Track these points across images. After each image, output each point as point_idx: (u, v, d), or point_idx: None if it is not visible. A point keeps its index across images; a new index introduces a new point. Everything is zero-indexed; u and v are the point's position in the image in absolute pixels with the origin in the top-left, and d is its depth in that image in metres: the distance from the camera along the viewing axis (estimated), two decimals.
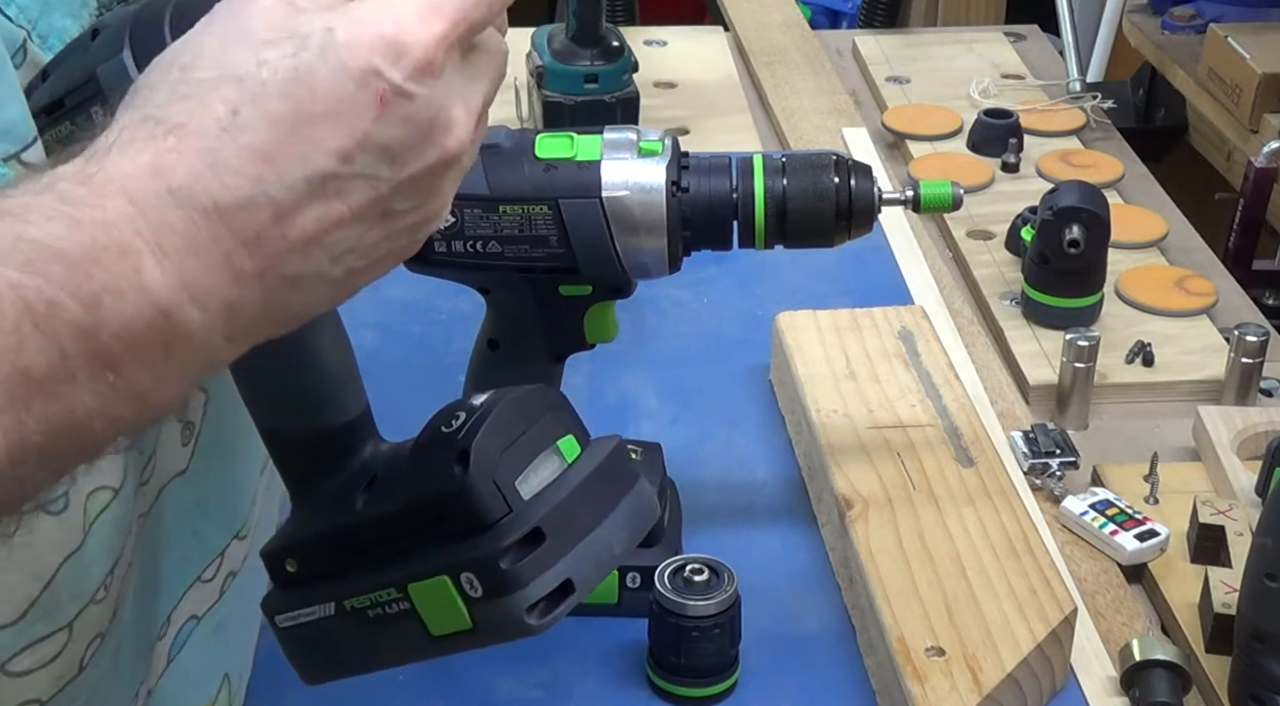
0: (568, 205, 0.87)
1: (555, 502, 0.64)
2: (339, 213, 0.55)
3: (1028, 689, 0.89)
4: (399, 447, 0.70)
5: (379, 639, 0.67)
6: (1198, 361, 1.25)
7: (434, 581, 0.64)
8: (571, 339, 0.94)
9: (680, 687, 0.91)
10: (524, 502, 0.64)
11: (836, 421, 1.07)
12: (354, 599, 0.67)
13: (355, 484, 0.69)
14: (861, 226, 0.90)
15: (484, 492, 0.63)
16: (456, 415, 0.65)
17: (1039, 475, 1.10)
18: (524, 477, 0.64)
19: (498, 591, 0.63)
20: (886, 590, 0.92)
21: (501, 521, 0.63)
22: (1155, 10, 1.91)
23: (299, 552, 0.70)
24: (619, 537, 0.66)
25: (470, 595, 0.64)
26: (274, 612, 0.70)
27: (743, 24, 1.91)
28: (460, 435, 0.64)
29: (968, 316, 1.31)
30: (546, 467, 0.65)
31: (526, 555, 0.63)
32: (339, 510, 0.69)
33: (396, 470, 0.68)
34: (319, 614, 0.69)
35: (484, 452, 0.63)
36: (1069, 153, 1.58)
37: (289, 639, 0.70)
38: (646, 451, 0.99)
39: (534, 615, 0.63)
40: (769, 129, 1.67)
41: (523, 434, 0.65)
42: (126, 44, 0.62)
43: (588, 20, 1.39)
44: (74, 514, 0.68)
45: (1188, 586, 1.00)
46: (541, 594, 0.63)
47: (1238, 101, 1.67)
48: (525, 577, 0.63)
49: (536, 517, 0.63)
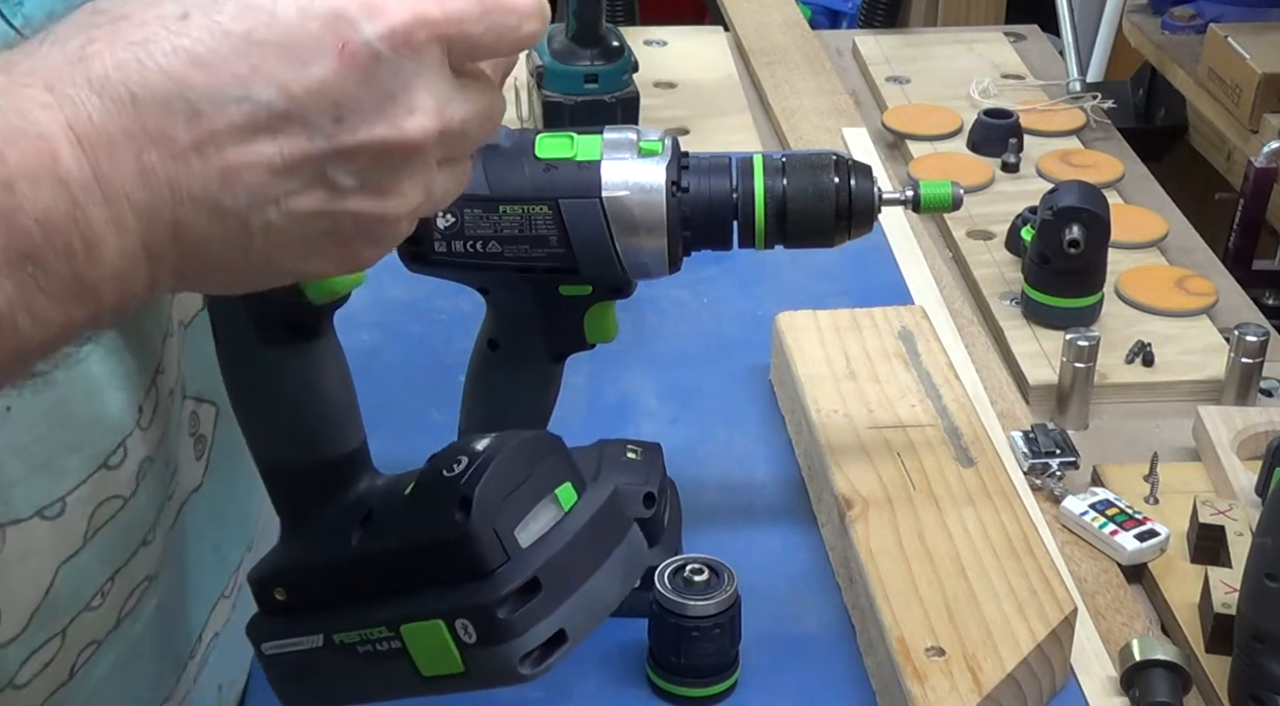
0: (568, 205, 0.87)
1: (552, 552, 0.64)
2: (266, 154, 0.51)
3: (1028, 689, 0.89)
4: (395, 483, 0.69)
5: (367, 674, 0.67)
6: (1198, 361, 1.25)
7: (428, 624, 0.65)
8: (571, 339, 0.94)
9: (680, 687, 0.91)
10: (522, 551, 0.64)
11: (836, 421, 1.07)
12: (344, 634, 0.67)
13: (350, 518, 0.69)
14: (861, 226, 0.90)
15: (484, 540, 0.63)
16: (459, 459, 0.65)
17: (1039, 475, 1.10)
18: (523, 525, 0.64)
19: (493, 639, 0.63)
20: (886, 590, 0.92)
21: (500, 569, 0.63)
22: (1155, 10, 1.91)
23: (289, 582, 0.70)
24: (612, 586, 0.66)
25: (464, 640, 0.64)
26: (260, 639, 0.71)
27: (743, 24, 1.91)
28: (463, 480, 0.64)
29: (968, 316, 1.31)
30: (544, 515, 0.65)
31: (523, 605, 0.63)
32: (333, 544, 0.68)
33: (394, 508, 0.68)
34: (306, 645, 0.69)
35: (486, 500, 0.63)
36: (1069, 153, 1.58)
37: (274, 666, 0.70)
38: (646, 451, 0.99)
39: (527, 664, 0.64)
40: (769, 129, 1.67)
41: (523, 481, 0.65)
42: None
43: (588, 20, 1.39)
44: (73, 519, 0.68)
45: (1188, 586, 1.00)
46: (536, 643, 0.63)
47: (1238, 101, 1.67)
48: (521, 627, 0.63)
49: (534, 567, 0.63)
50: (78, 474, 0.68)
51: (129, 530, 0.72)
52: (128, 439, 0.70)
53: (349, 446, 0.70)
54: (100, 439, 0.69)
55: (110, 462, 0.69)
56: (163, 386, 0.73)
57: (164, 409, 0.73)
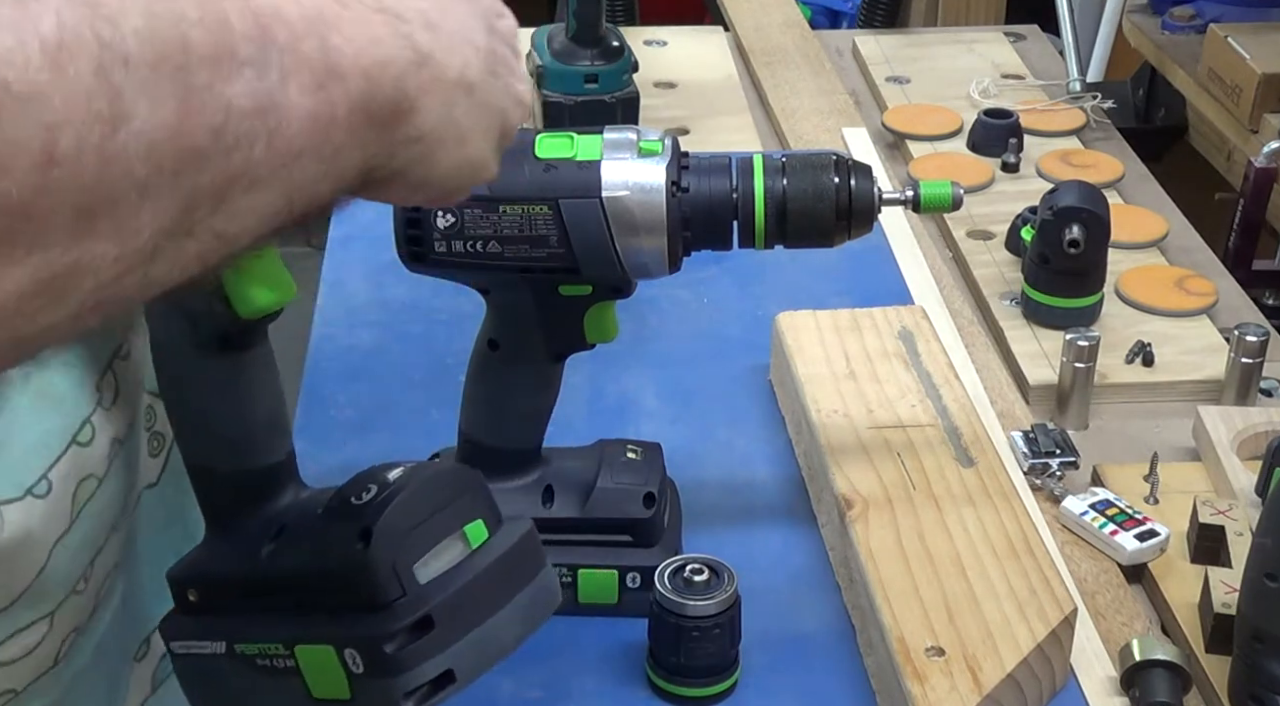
0: (568, 205, 0.87)
1: (450, 590, 0.64)
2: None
3: (1028, 689, 0.89)
4: (311, 499, 0.70)
5: (263, 687, 0.67)
6: (1198, 361, 1.25)
7: (320, 647, 0.65)
8: (571, 339, 0.94)
9: (680, 687, 0.91)
10: (419, 587, 0.63)
11: (836, 421, 1.07)
12: (245, 645, 0.67)
13: (266, 530, 0.69)
14: (861, 226, 0.90)
15: (381, 573, 0.63)
16: (369, 487, 0.65)
17: (1039, 475, 1.10)
18: (424, 561, 0.64)
19: (379, 672, 0.63)
20: (886, 590, 0.92)
21: (394, 603, 0.63)
22: (1155, 10, 1.91)
23: (203, 585, 0.70)
24: (512, 629, 0.66)
25: (352, 669, 0.64)
26: (170, 637, 0.71)
27: (743, 24, 1.91)
28: (368, 510, 0.64)
29: (968, 316, 1.31)
30: (449, 552, 0.65)
31: (414, 641, 0.63)
32: (246, 554, 0.69)
33: (304, 527, 0.68)
34: (210, 649, 0.69)
35: (387, 532, 0.63)
36: (1069, 153, 1.58)
37: (182, 665, 0.71)
38: (646, 451, 0.99)
39: (411, 700, 0.63)
40: (769, 129, 1.67)
41: (430, 516, 0.65)
42: None
43: (588, 20, 1.39)
44: (61, 499, 0.69)
45: (1188, 586, 1.00)
46: (421, 681, 0.63)
47: (1238, 101, 1.67)
48: (407, 664, 0.63)
49: (428, 605, 0.63)
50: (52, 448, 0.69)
51: (104, 513, 0.72)
52: (92, 416, 0.71)
53: (272, 458, 0.71)
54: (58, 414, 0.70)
55: (80, 439, 0.70)
56: (124, 373, 0.75)
57: (128, 395, 0.75)
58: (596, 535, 0.96)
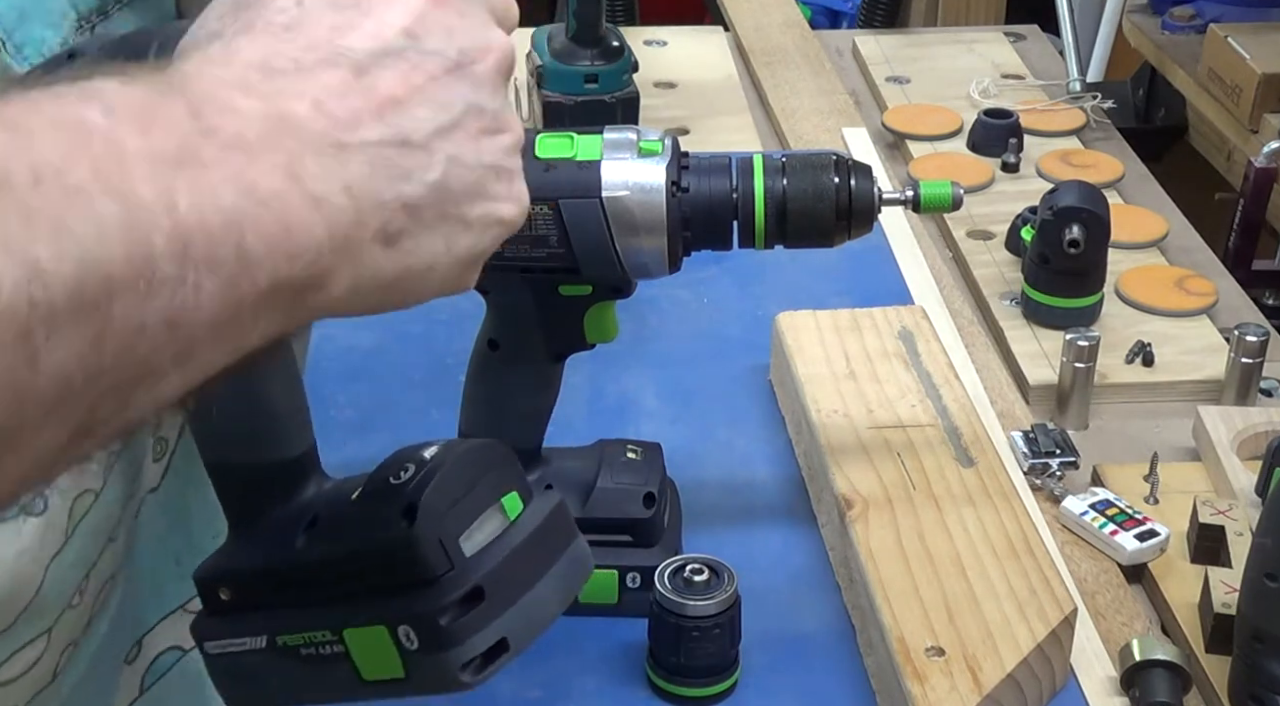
0: (568, 205, 0.87)
1: (496, 561, 0.64)
2: (417, 80, 0.55)
3: (1028, 689, 0.89)
4: (342, 487, 0.70)
5: (309, 677, 0.67)
6: (1198, 361, 1.25)
7: (371, 629, 0.65)
8: (571, 339, 0.94)
9: (680, 687, 0.91)
10: (466, 560, 0.64)
11: (836, 421, 1.07)
12: (287, 636, 0.67)
13: (297, 521, 0.69)
14: (861, 226, 0.90)
15: (428, 548, 0.63)
16: (406, 466, 0.65)
17: (1039, 475, 1.10)
18: (468, 534, 0.64)
19: (434, 647, 0.63)
20: (886, 590, 0.92)
21: (443, 577, 0.63)
22: (1155, 10, 1.91)
23: (234, 582, 0.70)
24: (555, 596, 0.66)
25: (406, 647, 0.64)
26: (204, 638, 0.70)
27: (743, 24, 1.91)
28: (409, 488, 0.64)
29: (968, 316, 1.31)
30: (490, 524, 0.65)
31: (465, 613, 0.63)
32: (279, 546, 0.69)
33: (340, 513, 0.68)
34: (250, 645, 0.69)
35: (431, 508, 0.63)
36: (1069, 153, 1.58)
37: (217, 666, 0.70)
38: (646, 451, 0.99)
39: (468, 672, 0.63)
40: (769, 129, 1.67)
41: (470, 490, 0.65)
42: None
43: (588, 20, 1.39)
44: (57, 515, 0.68)
45: (1188, 586, 1.00)
46: (477, 652, 0.63)
47: (1238, 101, 1.67)
48: (463, 635, 0.63)
49: (477, 575, 0.63)
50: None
51: (100, 526, 0.72)
52: None
53: (295, 450, 0.71)
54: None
55: None
56: None
57: None
58: (596, 535, 0.96)
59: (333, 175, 0.52)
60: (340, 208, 0.53)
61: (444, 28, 0.56)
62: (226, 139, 0.49)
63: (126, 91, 0.48)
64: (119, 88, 0.48)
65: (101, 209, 0.45)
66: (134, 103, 0.48)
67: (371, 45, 0.54)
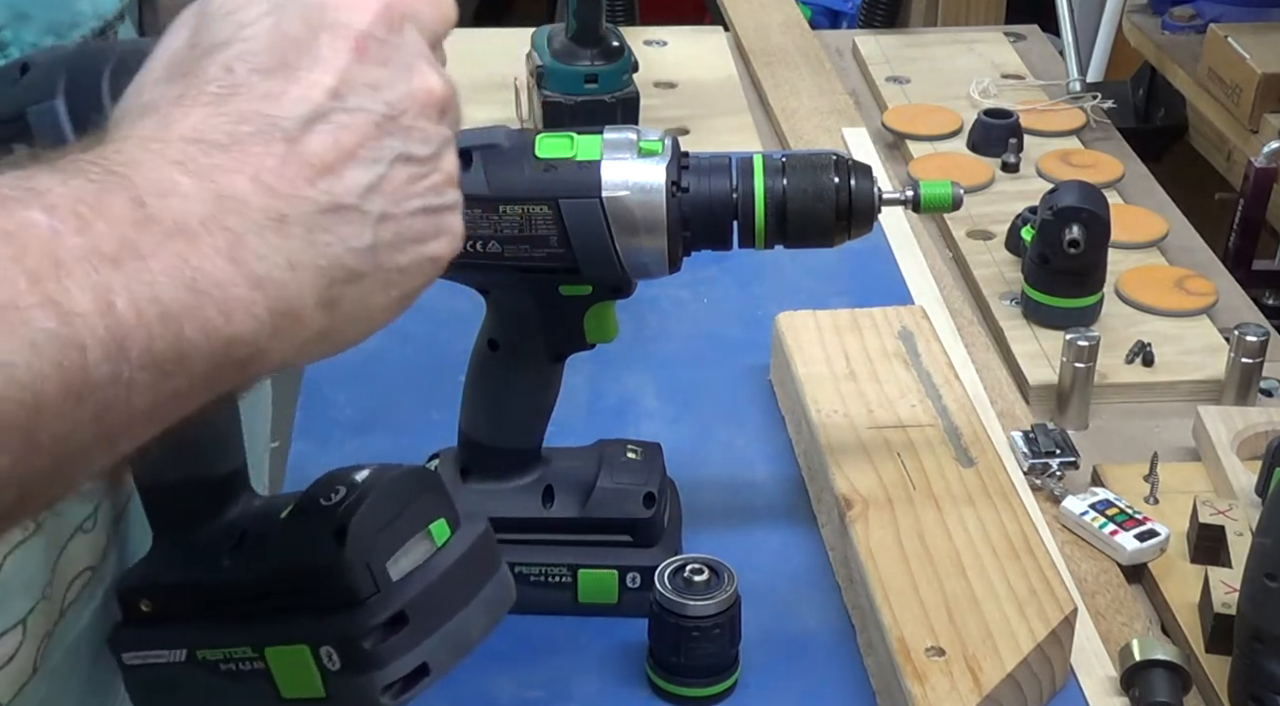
0: (568, 205, 0.87)
1: (422, 587, 0.65)
2: (347, 142, 0.56)
3: (1028, 689, 0.89)
4: (271, 505, 0.70)
5: (227, 692, 0.68)
6: (1198, 361, 1.25)
7: (293, 648, 0.65)
8: (571, 339, 0.94)
9: (680, 687, 0.91)
10: (392, 584, 0.65)
11: (836, 421, 1.07)
12: (208, 650, 0.68)
13: (224, 537, 0.70)
14: (861, 226, 0.90)
15: (356, 570, 0.64)
16: (337, 489, 0.66)
17: (1039, 475, 1.10)
18: (395, 559, 0.65)
19: (357, 668, 0.64)
20: (886, 590, 0.92)
21: (369, 600, 0.64)
22: (1155, 10, 1.91)
23: (157, 595, 0.70)
24: (478, 623, 0.67)
25: (328, 667, 0.65)
26: (122, 649, 0.71)
27: (743, 24, 1.91)
28: (339, 510, 0.65)
29: (968, 316, 1.31)
30: (417, 550, 0.66)
31: (389, 637, 0.64)
32: (205, 561, 0.69)
33: (268, 532, 0.68)
34: (168, 658, 0.69)
35: (361, 531, 0.64)
36: (1069, 153, 1.58)
37: (134, 677, 0.71)
38: (646, 451, 0.99)
39: (388, 695, 0.64)
40: (769, 129, 1.67)
41: (399, 515, 0.66)
42: (60, 91, 0.62)
43: (588, 20, 1.39)
44: None
45: (1188, 586, 1.00)
46: (399, 675, 0.64)
47: (1238, 101, 1.67)
48: (386, 659, 0.64)
49: (403, 600, 0.64)
50: None
51: (64, 514, 0.72)
52: None
53: (225, 468, 0.71)
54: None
55: None
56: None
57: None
58: (596, 535, 0.96)
59: (275, 251, 0.53)
60: (281, 283, 0.54)
61: (368, 83, 0.57)
62: (168, 227, 0.50)
63: (67, 188, 0.49)
64: (61, 184, 0.49)
65: (35, 324, 0.46)
66: (75, 198, 0.49)
67: (301, 111, 0.55)
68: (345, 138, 0.56)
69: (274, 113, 0.55)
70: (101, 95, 0.61)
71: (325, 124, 0.56)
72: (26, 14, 0.67)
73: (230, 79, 0.55)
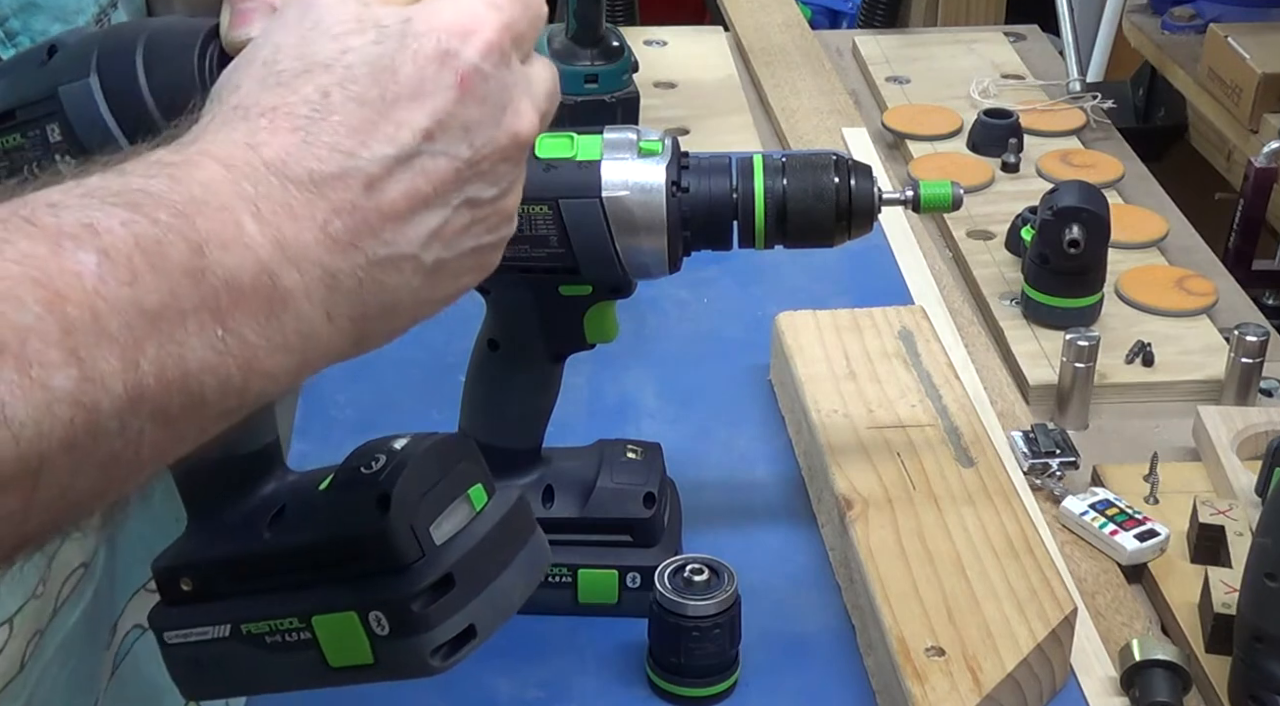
0: (568, 205, 0.87)
1: (465, 550, 0.65)
2: (424, 189, 0.56)
3: (1028, 689, 0.89)
4: (305, 479, 0.70)
5: (273, 664, 0.68)
6: (1198, 361, 1.25)
7: (340, 616, 0.66)
8: (571, 339, 0.94)
9: (680, 687, 0.91)
10: (436, 548, 0.65)
11: (836, 421, 1.07)
12: (252, 624, 0.68)
13: (261, 512, 0.70)
14: (861, 226, 0.90)
15: (401, 536, 0.64)
16: (377, 457, 0.66)
17: (1039, 475, 1.10)
18: (438, 523, 0.66)
19: (406, 632, 0.64)
20: (886, 590, 0.92)
21: (415, 565, 0.64)
22: (1155, 10, 1.91)
23: (197, 573, 0.70)
24: (518, 585, 0.68)
25: (376, 633, 0.65)
26: (163, 629, 0.71)
27: (743, 24, 1.91)
28: (381, 478, 0.65)
29: (968, 316, 1.31)
30: (458, 514, 0.67)
31: (436, 599, 0.64)
32: (245, 537, 0.69)
33: (308, 504, 0.69)
34: (212, 635, 0.69)
35: (404, 497, 0.64)
36: (1069, 153, 1.58)
37: (176, 656, 0.71)
38: (646, 451, 0.99)
39: (437, 657, 0.65)
40: (769, 129, 1.67)
41: (438, 481, 0.66)
42: (94, 69, 0.62)
43: (588, 20, 1.39)
44: None
45: (1188, 586, 1.00)
46: (447, 637, 0.65)
47: (1238, 101, 1.67)
48: (434, 621, 0.64)
49: (448, 563, 0.65)
50: None
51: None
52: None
53: (259, 443, 0.71)
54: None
55: None
56: None
57: None
58: (596, 535, 0.96)
59: (317, 306, 0.53)
60: (312, 336, 0.54)
61: (464, 124, 0.56)
62: (215, 285, 0.50)
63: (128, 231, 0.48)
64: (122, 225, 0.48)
65: (54, 384, 0.46)
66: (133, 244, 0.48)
67: (387, 151, 0.55)
68: (423, 185, 0.56)
69: (360, 152, 0.54)
70: (136, 73, 0.61)
71: (407, 170, 0.55)
72: (35, 2, 0.68)
73: (325, 103, 0.55)
